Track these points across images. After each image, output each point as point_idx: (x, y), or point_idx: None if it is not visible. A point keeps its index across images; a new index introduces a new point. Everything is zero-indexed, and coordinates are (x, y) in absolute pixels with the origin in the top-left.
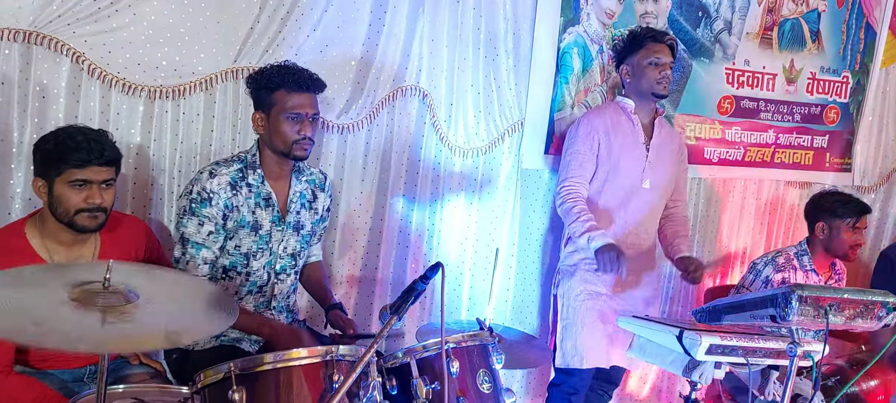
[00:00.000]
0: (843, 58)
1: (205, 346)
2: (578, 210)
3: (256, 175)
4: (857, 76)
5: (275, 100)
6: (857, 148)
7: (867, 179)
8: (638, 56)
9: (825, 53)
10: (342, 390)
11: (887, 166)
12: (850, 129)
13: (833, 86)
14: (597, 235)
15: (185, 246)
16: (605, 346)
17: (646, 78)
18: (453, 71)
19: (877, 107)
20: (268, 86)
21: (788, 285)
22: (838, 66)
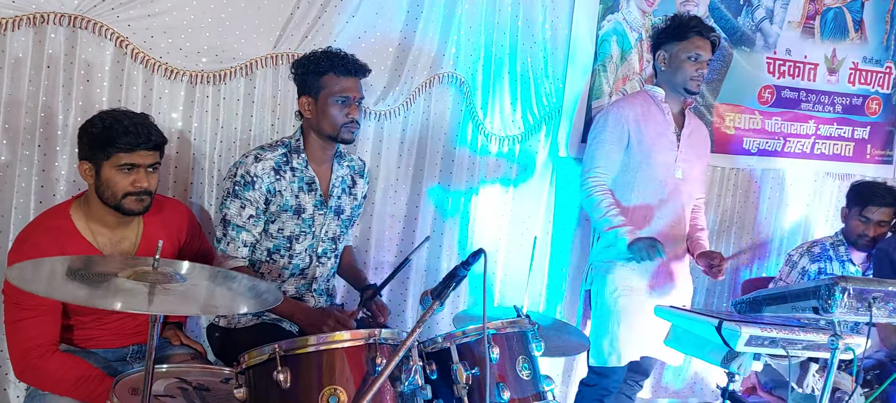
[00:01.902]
0: (887, 48)
1: (246, 324)
2: (608, 204)
3: (300, 159)
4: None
5: (323, 84)
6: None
7: None
8: (679, 46)
9: (868, 43)
10: (385, 373)
11: None
12: (892, 121)
13: (875, 77)
14: (625, 231)
15: (226, 227)
16: (641, 339)
17: (682, 71)
18: (490, 58)
19: None
20: (316, 71)
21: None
22: (881, 57)
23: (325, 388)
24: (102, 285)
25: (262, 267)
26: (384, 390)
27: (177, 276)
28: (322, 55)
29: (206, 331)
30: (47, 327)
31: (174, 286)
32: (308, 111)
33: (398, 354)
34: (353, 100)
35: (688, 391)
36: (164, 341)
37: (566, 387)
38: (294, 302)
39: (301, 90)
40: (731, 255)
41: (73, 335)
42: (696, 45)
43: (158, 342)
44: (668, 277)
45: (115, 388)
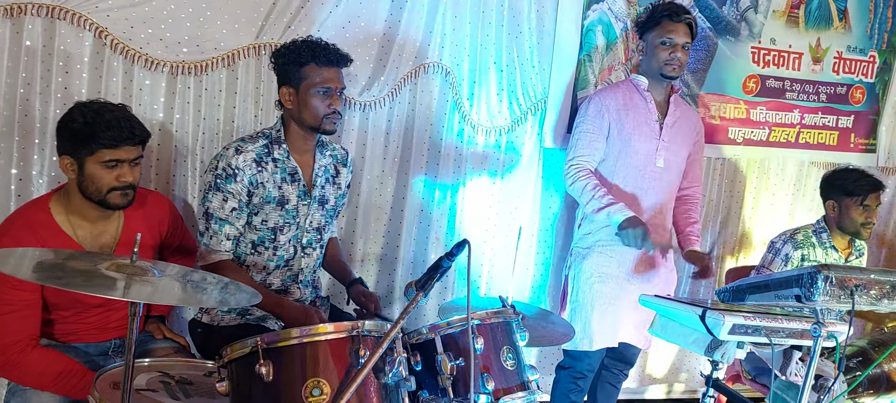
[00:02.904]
0: (870, 37)
1: (229, 323)
2: (593, 186)
3: (282, 150)
4: (884, 55)
5: (305, 74)
6: (883, 128)
7: (892, 160)
8: (653, 33)
9: (852, 32)
10: (368, 364)
11: None
12: (875, 110)
13: (859, 66)
14: (616, 209)
15: (208, 221)
16: (615, 326)
17: (655, 57)
18: (476, 48)
19: None
20: (297, 61)
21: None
22: (865, 46)
23: (309, 380)
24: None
25: (247, 259)
26: (368, 382)
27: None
28: (303, 45)
29: (188, 326)
30: (27, 321)
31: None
32: (289, 101)
33: (382, 346)
34: (335, 91)
35: (673, 379)
36: (146, 335)
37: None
38: (277, 297)
39: (282, 80)
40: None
41: (54, 329)
42: (667, 30)
43: (141, 336)
44: (649, 264)
45: (96, 383)
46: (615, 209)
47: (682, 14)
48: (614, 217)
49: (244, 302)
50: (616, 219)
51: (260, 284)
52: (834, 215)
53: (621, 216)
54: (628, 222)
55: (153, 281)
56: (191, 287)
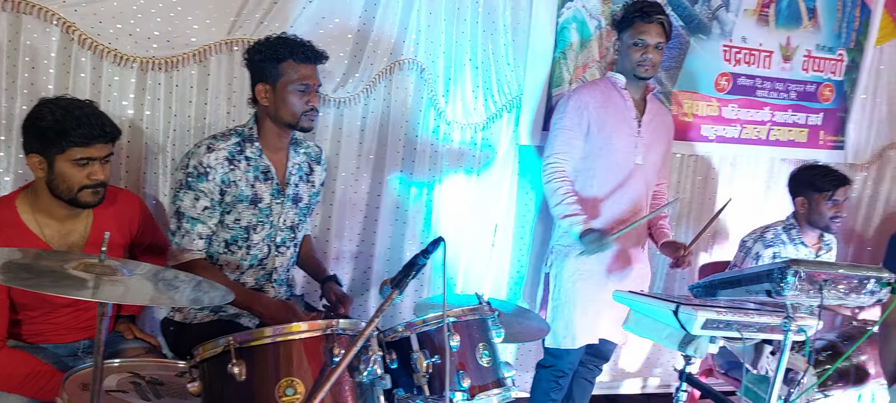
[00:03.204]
0: (839, 35)
1: (202, 320)
2: (564, 191)
3: (254, 148)
4: (851, 54)
5: (282, 71)
6: (851, 126)
7: (860, 157)
8: (626, 33)
9: (821, 31)
10: (343, 363)
11: (880, 144)
12: (843, 107)
13: (828, 64)
14: (577, 221)
15: (180, 220)
16: (596, 323)
17: (628, 57)
18: (451, 45)
19: (870, 86)
20: (274, 58)
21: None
22: (833, 44)
23: (282, 380)
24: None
25: (220, 259)
26: (343, 380)
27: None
28: (280, 41)
29: (160, 325)
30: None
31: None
32: (265, 99)
33: (356, 344)
34: (313, 88)
35: (647, 373)
36: (116, 335)
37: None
38: (253, 293)
39: (257, 77)
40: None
41: (22, 330)
42: (640, 30)
43: (111, 337)
44: (626, 262)
45: (65, 384)
46: (576, 220)
47: (655, 14)
48: (574, 229)
49: (218, 300)
50: (574, 232)
51: (234, 282)
52: (804, 211)
53: (581, 228)
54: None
55: (123, 281)
56: (163, 286)
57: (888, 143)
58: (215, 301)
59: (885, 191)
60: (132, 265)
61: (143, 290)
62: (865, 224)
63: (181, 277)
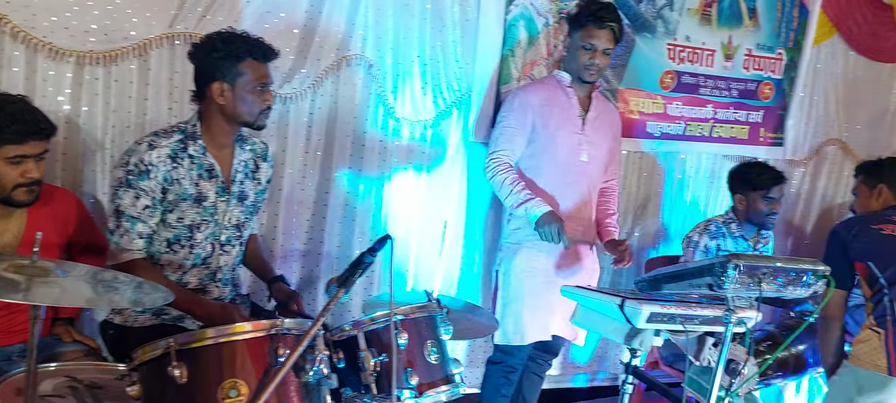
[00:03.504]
0: (778, 35)
1: (143, 323)
2: (511, 180)
3: (198, 146)
4: (790, 53)
5: (242, 70)
6: (790, 123)
7: (798, 153)
8: (577, 34)
9: (761, 30)
10: (288, 364)
11: (817, 141)
12: (782, 105)
13: (768, 63)
14: (533, 204)
15: (119, 219)
16: (546, 320)
17: (576, 59)
18: (399, 41)
19: (808, 84)
20: (234, 56)
21: (726, 255)
22: (773, 43)
23: (225, 382)
24: None
25: (162, 258)
26: (288, 381)
27: (57, 271)
28: (238, 39)
29: (99, 328)
30: None
31: (56, 279)
32: (221, 97)
33: (302, 344)
34: (269, 86)
35: (595, 367)
36: (54, 338)
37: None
38: (194, 296)
39: (211, 75)
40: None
41: None
42: (591, 34)
43: (48, 340)
44: (575, 258)
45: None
46: (533, 204)
47: (607, 20)
48: (532, 212)
49: (159, 301)
50: (533, 215)
51: (175, 283)
52: (742, 208)
53: (539, 211)
54: (545, 218)
55: (57, 282)
56: (102, 287)
57: (825, 140)
58: (157, 302)
59: (822, 186)
60: (68, 266)
61: (79, 292)
62: (803, 218)
63: (121, 278)
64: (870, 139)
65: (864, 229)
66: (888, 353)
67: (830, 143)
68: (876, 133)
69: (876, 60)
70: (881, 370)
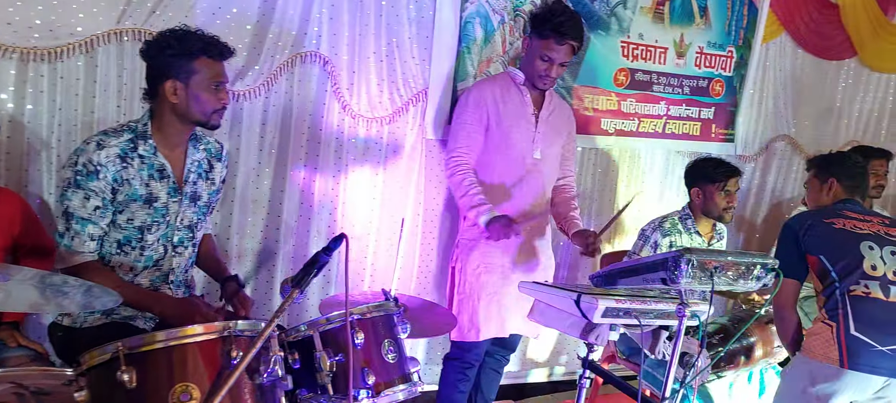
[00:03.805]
0: (728, 33)
1: (93, 324)
2: (468, 183)
3: (148, 146)
4: (740, 51)
5: (196, 68)
6: (740, 119)
7: (748, 149)
8: (537, 41)
9: (712, 28)
10: (241, 366)
11: (766, 137)
12: (733, 102)
13: (719, 61)
14: (484, 210)
15: (69, 221)
16: (502, 317)
17: (533, 66)
18: (354, 38)
19: (758, 81)
20: (188, 53)
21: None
22: (724, 41)
23: (177, 386)
24: None
25: (112, 259)
26: (241, 383)
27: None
28: (194, 37)
29: (47, 330)
30: None
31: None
32: (174, 96)
33: (255, 346)
34: (223, 85)
35: (553, 362)
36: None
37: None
38: (152, 292)
39: (164, 73)
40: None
41: None
42: (550, 48)
43: None
44: (530, 254)
45: None
46: (484, 209)
47: (569, 38)
48: (483, 218)
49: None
50: (484, 220)
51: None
52: (699, 202)
53: (487, 217)
54: (493, 221)
55: (1, 287)
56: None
57: (774, 136)
58: (107, 305)
59: (772, 181)
60: (12, 270)
61: (24, 296)
62: (754, 212)
63: (70, 282)
64: (817, 135)
65: (816, 223)
66: (840, 346)
67: (779, 139)
68: (823, 129)
69: (822, 58)
70: (834, 362)
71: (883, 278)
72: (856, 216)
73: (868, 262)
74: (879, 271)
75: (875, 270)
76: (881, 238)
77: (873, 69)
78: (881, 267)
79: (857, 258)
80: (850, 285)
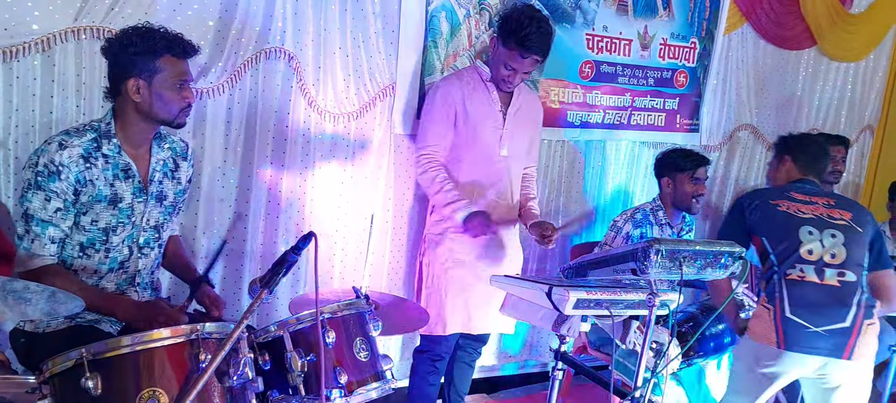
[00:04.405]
0: (691, 24)
1: (57, 329)
2: (441, 179)
3: (112, 145)
4: (703, 42)
5: (159, 66)
6: (704, 109)
7: (713, 139)
8: (502, 49)
9: (675, 20)
10: (210, 369)
11: (730, 126)
12: (697, 92)
13: (682, 52)
14: (461, 206)
15: (29, 223)
16: (469, 312)
17: (497, 69)
18: (320, 33)
19: (720, 71)
20: (151, 51)
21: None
22: (687, 33)
23: (144, 391)
24: None
25: (75, 263)
26: (210, 387)
27: None
28: (157, 34)
29: (9, 337)
30: None
31: None
32: (137, 95)
33: (224, 348)
34: (188, 83)
35: (526, 354)
36: None
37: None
38: (115, 295)
39: (126, 71)
40: (561, 226)
41: None
42: (515, 59)
43: None
44: (498, 247)
45: None
46: (460, 205)
47: (533, 53)
48: (459, 213)
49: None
50: (461, 216)
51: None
52: (669, 191)
53: (465, 213)
54: (472, 216)
55: None
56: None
57: (737, 125)
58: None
59: (736, 169)
60: None
61: None
62: (719, 200)
63: (32, 287)
64: (779, 123)
65: (762, 203)
66: (776, 328)
67: (743, 128)
68: (784, 117)
69: (783, 48)
70: (772, 343)
71: (819, 262)
72: (802, 198)
73: (805, 247)
74: (816, 255)
75: (812, 254)
76: (823, 221)
77: (832, 58)
78: (818, 250)
79: (795, 242)
80: (787, 269)
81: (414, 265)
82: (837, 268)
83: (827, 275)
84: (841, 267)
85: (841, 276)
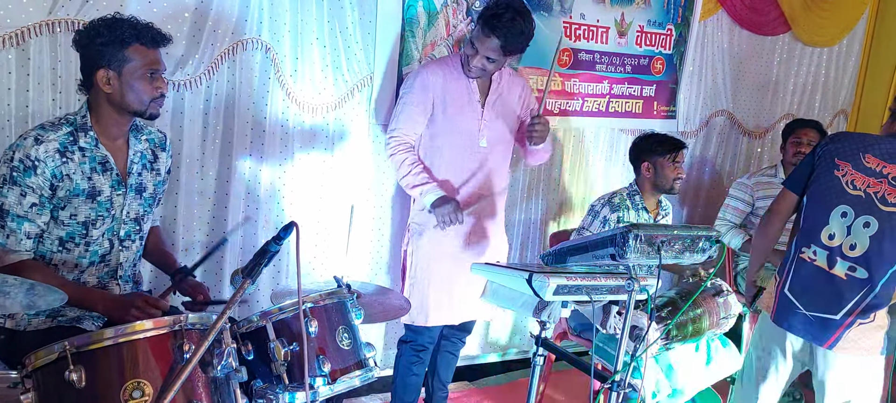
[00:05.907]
0: (667, 11)
1: (38, 327)
2: (410, 162)
3: (89, 138)
4: (679, 29)
5: (129, 56)
6: (681, 96)
7: (689, 125)
8: (478, 37)
9: (651, 7)
10: (194, 360)
11: (706, 112)
12: (673, 79)
13: (659, 39)
14: (429, 189)
15: (4, 219)
16: (452, 304)
17: (471, 60)
18: (296, 23)
19: (697, 58)
20: (119, 41)
21: (626, 225)
22: (663, 20)
23: (128, 383)
24: None
25: (54, 258)
26: (194, 377)
27: None
28: (123, 23)
29: None
30: None
31: None
32: (108, 85)
33: (207, 339)
34: (160, 73)
35: (509, 343)
36: None
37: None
38: (93, 290)
39: (96, 62)
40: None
41: None
42: (479, 39)
43: None
44: (481, 235)
45: None
46: (428, 189)
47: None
48: (426, 197)
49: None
50: (428, 200)
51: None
52: (649, 175)
53: (433, 196)
54: (438, 202)
55: None
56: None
57: (714, 111)
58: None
59: (712, 154)
60: None
61: None
62: (696, 186)
63: (10, 281)
64: (755, 109)
65: (828, 158)
66: (775, 300)
67: (719, 114)
68: (760, 103)
69: (758, 34)
70: (770, 314)
71: (835, 249)
72: (873, 164)
73: (828, 231)
74: (835, 242)
75: (831, 240)
76: (868, 203)
77: (806, 43)
78: (840, 237)
79: (822, 222)
80: (802, 246)
81: (396, 254)
82: (851, 261)
83: (837, 266)
84: (856, 260)
85: (851, 271)
